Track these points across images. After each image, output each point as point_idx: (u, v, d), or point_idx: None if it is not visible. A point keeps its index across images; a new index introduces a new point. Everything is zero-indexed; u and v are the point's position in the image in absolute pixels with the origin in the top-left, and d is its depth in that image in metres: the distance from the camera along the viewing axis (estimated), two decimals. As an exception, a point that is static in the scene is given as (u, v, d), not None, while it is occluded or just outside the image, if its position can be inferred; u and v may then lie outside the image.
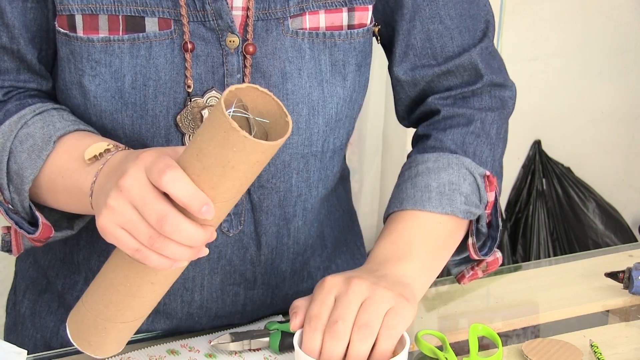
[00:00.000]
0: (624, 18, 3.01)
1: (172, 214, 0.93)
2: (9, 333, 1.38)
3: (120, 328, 1.06)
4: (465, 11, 1.22)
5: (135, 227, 0.95)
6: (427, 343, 1.19)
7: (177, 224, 0.93)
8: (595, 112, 3.07)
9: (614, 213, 3.05)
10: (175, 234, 0.93)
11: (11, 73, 1.16)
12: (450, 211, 1.16)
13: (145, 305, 1.05)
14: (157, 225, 0.93)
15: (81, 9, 1.11)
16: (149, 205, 0.93)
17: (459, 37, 1.22)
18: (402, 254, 1.12)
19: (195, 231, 0.94)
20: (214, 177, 0.92)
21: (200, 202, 0.92)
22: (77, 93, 1.15)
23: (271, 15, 1.13)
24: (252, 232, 1.21)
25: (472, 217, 1.19)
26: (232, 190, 0.94)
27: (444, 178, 1.17)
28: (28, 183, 1.11)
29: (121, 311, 1.04)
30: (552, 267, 1.48)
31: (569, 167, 3.05)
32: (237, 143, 0.90)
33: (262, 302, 1.26)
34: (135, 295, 1.03)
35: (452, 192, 1.16)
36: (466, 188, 1.18)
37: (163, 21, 1.11)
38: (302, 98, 1.15)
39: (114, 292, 1.03)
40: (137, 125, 1.14)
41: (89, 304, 1.06)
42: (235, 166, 0.91)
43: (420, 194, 1.17)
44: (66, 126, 1.12)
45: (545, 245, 2.98)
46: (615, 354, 1.20)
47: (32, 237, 1.13)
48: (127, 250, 0.97)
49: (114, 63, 1.12)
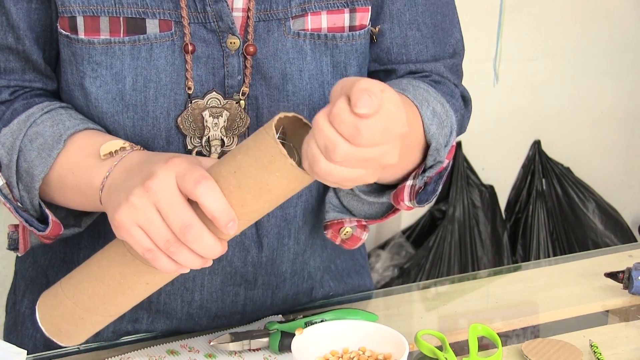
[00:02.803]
0: (624, 18, 3.01)
1: (197, 224, 0.95)
2: (8, 333, 1.38)
3: (96, 321, 1.07)
4: (439, 23, 1.23)
5: (155, 228, 0.96)
6: (426, 343, 1.19)
7: (200, 234, 0.95)
8: (595, 112, 3.07)
9: (613, 213, 3.05)
10: (196, 243, 0.96)
11: (17, 73, 1.17)
12: (432, 133, 1.13)
13: (130, 303, 1.06)
14: (180, 232, 0.95)
15: (82, 11, 1.11)
16: (174, 210, 0.95)
17: (433, 46, 1.23)
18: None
19: (214, 244, 0.96)
20: (247, 196, 0.94)
21: (229, 217, 0.95)
22: (79, 95, 1.15)
23: (272, 16, 1.13)
24: (254, 234, 1.21)
25: (433, 159, 1.15)
26: (258, 212, 0.97)
27: (438, 108, 1.16)
28: (38, 181, 1.11)
29: (105, 305, 1.04)
30: (552, 267, 1.49)
31: (568, 167, 3.05)
32: (282, 169, 0.92)
33: (262, 302, 1.26)
34: (126, 293, 1.03)
35: (440, 124, 1.15)
36: (445, 134, 1.16)
37: (164, 23, 1.11)
38: (302, 99, 1.15)
39: (104, 286, 1.03)
40: (137, 127, 1.14)
41: (70, 292, 1.06)
42: (272, 190, 0.94)
43: (420, 99, 1.14)
44: (75, 125, 1.12)
45: (545, 245, 2.98)
46: (615, 354, 1.20)
47: (42, 234, 1.13)
48: (138, 249, 0.98)
49: (114, 65, 1.12)
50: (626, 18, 3.01)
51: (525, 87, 2.97)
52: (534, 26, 2.91)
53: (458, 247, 2.88)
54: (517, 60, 2.91)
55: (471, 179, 2.94)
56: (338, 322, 1.14)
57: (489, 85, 2.84)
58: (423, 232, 2.95)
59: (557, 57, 2.97)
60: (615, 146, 3.13)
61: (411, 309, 1.36)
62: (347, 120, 0.88)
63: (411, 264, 2.85)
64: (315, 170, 0.91)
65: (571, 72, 3.00)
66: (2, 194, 1.13)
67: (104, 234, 1.23)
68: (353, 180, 0.92)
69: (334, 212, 1.21)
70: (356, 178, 0.92)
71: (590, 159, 3.10)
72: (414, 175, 1.16)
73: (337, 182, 0.92)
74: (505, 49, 2.81)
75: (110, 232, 1.22)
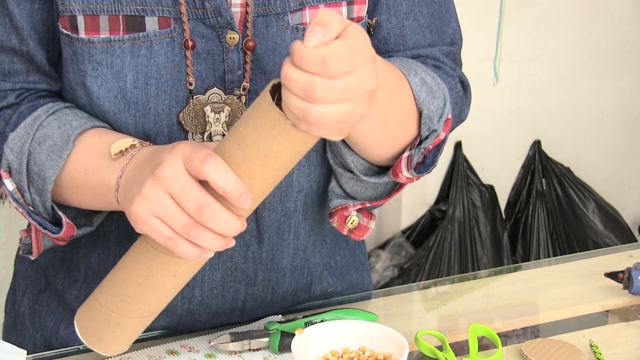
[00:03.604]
0: (623, 18, 3.01)
1: (212, 202, 0.95)
2: (8, 333, 1.38)
3: (134, 324, 1.06)
4: (436, 12, 1.23)
5: (172, 214, 0.97)
6: (426, 343, 1.19)
7: (215, 212, 0.96)
8: (595, 112, 3.07)
9: (613, 213, 3.06)
10: (213, 222, 0.96)
11: (21, 75, 1.17)
12: (422, 99, 1.13)
13: (163, 300, 1.05)
14: (196, 213, 0.95)
15: (82, 10, 1.11)
16: (187, 193, 0.96)
17: (430, 36, 1.23)
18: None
19: (231, 220, 0.97)
20: (254, 166, 0.95)
21: (240, 190, 0.95)
22: (82, 94, 1.15)
23: (271, 11, 1.13)
24: (254, 229, 1.21)
25: (427, 129, 1.14)
26: (268, 182, 0.97)
27: (428, 79, 1.15)
28: (50, 183, 1.11)
29: (138, 305, 1.04)
30: (552, 267, 1.48)
31: (568, 167, 3.05)
32: (282, 132, 0.92)
33: (262, 298, 1.27)
34: (155, 289, 1.03)
35: (430, 92, 1.14)
36: (437, 103, 1.15)
37: (163, 20, 1.11)
38: (302, 93, 1.15)
39: (133, 285, 1.03)
40: (140, 125, 1.14)
41: (103, 299, 1.06)
42: (277, 156, 0.94)
43: (407, 69, 1.14)
44: (82, 124, 1.13)
45: (545, 245, 2.99)
46: (615, 354, 1.20)
47: (57, 236, 1.13)
48: (159, 239, 0.98)
49: (115, 63, 1.12)
50: (626, 18, 3.01)
51: (525, 87, 2.97)
52: (534, 26, 2.91)
53: (458, 247, 2.88)
54: (517, 60, 2.91)
55: (471, 179, 2.95)
56: (338, 322, 1.14)
57: (489, 85, 2.85)
58: (423, 232, 2.95)
59: (557, 57, 2.97)
60: (615, 146, 3.13)
61: (411, 309, 1.36)
62: (310, 56, 0.89)
63: (411, 264, 2.86)
64: (309, 121, 0.91)
65: (571, 72, 3.00)
66: (13, 198, 1.14)
67: (103, 234, 1.23)
68: (347, 115, 0.92)
69: (338, 200, 1.21)
70: (349, 112, 0.92)
71: (590, 159, 3.10)
72: (410, 147, 1.15)
73: (335, 125, 0.93)
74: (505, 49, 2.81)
75: (110, 232, 1.23)
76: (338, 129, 0.94)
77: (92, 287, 1.26)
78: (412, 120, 1.14)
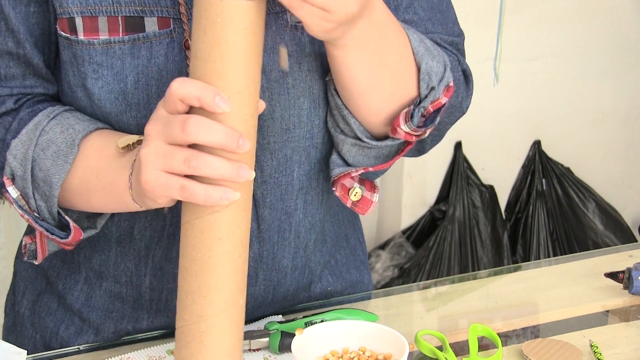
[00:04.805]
0: (624, 18, 3.01)
1: (193, 115, 0.95)
2: (8, 334, 1.38)
3: (217, 324, 0.97)
4: (435, 5, 1.23)
5: (170, 156, 0.96)
6: (426, 343, 1.19)
7: (198, 120, 0.94)
8: (595, 112, 3.08)
9: (613, 213, 3.06)
10: (203, 133, 0.94)
11: (18, 79, 1.16)
12: (420, 54, 1.11)
13: (227, 279, 0.98)
14: (182, 130, 0.94)
15: (81, 12, 1.11)
16: (171, 121, 0.96)
17: (432, 27, 1.22)
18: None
19: (218, 125, 0.95)
20: (215, 64, 0.93)
21: (212, 91, 0.94)
22: (83, 96, 1.15)
23: (269, 10, 1.13)
24: (255, 229, 1.21)
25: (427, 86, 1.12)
26: (239, 78, 0.94)
27: (428, 42, 1.14)
28: (57, 188, 1.11)
29: (208, 297, 0.97)
30: (552, 267, 1.48)
31: (568, 168, 3.05)
32: (217, 12, 0.91)
33: (263, 298, 1.27)
34: (211, 267, 0.97)
35: (428, 50, 1.13)
36: (438, 63, 1.14)
37: (162, 20, 1.11)
38: (303, 92, 1.15)
39: (190, 278, 0.97)
40: (141, 126, 1.13)
41: (180, 320, 0.99)
42: (229, 40, 0.92)
43: (405, 26, 1.12)
44: (85, 127, 1.13)
45: (545, 245, 2.99)
46: (615, 354, 1.20)
47: (65, 241, 1.13)
48: (174, 193, 0.97)
49: (115, 65, 1.12)
50: (626, 18, 3.01)
51: (525, 87, 2.97)
52: (534, 26, 2.91)
53: (458, 247, 2.88)
54: (517, 60, 2.91)
55: (471, 179, 2.95)
56: (338, 322, 1.14)
57: (489, 85, 2.85)
58: (423, 232, 2.95)
59: (557, 57, 2.97)
60: (615, 146, 3.14)
61: (411, 309, 1.36)
62: None
63: (411, 264, 2.86)
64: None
65: (571, 72, 3.00)
66: (18, 205, 1.13)
67: (104, 235, 1.23)
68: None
69: (339, 168, 1.18)
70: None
71: (590, 159, 3.10)
72: (415, 103, 1.12)
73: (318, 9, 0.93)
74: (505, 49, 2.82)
75: (111, 232, 1.23)
76: (321, 16, 0.94)
77: (93, 288, 1.26)
78: (409, 74, 1.11)
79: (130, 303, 1.26)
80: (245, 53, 0.94)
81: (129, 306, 1.26)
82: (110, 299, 1.26)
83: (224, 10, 0.91)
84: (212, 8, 0.91)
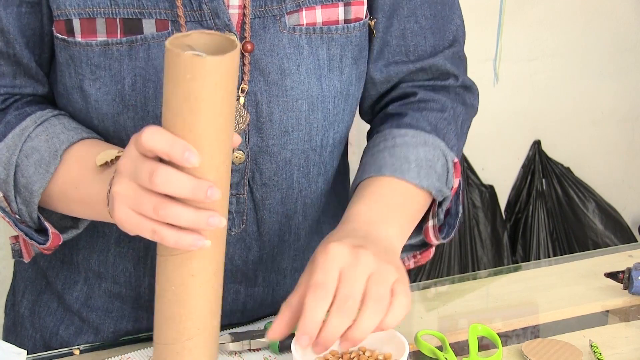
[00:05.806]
0: (624, 18, 3.01)
1: (161, 166, 0.92)
2: (8, 334, 1.38)
3: (190, 346, 1.01)
4: (439, 12, 1.23)
5: (140, 201, 0.94)
6: (426, 343, 1.19)
7: (165, 172, 0.91)
8: (595, 112, 3.07)
9: (613, 213, 3.05)
10: (168, 184, 0.91)
11: (7, 78, 1.16)
12: (426, 186, 1.15)
13: (199, 308, 1.00)
14: (150, 182, 0.92)
15: (78, 13, 1.11)
16: (140, 168, 0.93)
17: (432, 37, 1.23)
18: (384, 217, 1.10)
19: (185, 178, 0.92)
20: (185, 118, 0.91)
21: (181, 145, 0.91)
22: (79, 97, 1.15)
23: (268, 13, 1.13)
24: (255, 232, 1.21)
25: (442, 196, 1.18)
26: (209, 130, 0.92)
27: (422, 154, 1.17)
28: (37, 196, 1.11)
29: (182, 324, 1.00)
30: (552, 267, 1.48)
31: (568, 167, 3.05)
32: (186, 68, 0.89)
33: (262, 300, 1.26)
34: (183, 298, 0.99)
35: (429, 168, 1.16)
36: (439, 168, 1.18)
37: (160, 22, 1.11)
38: (301, 94, 1.15)
39: (165, 305, 1.00)
40: (139, 127, 1.13)
41: (156, 338, 1.03)
42: (198, 96, 0.90)
43: (400, 163, 1.16)
44: (70, 137, 1.12)
45: (545, 245, 2.98)
46: (615, 354, 1.20)
47: (43, 247, 1.13)
48: (145, 234, 0.95)
49: (113, 66, 1.12)
50: (626, 18, 3.01)
51: (525, 87, 2.97)
52: (534, 26, 2.91)
53: (458, 247, 2.88)
54: (517, 60, 2.91)
55: (471, 179, 2.94)
56: (338, 322, 1.14)
57: (489, 85, 2.85)
58: (423, 232, 2.94)
59: (557, 57, 2.97)
60: (615, 146, 3.13)
61: (411, 309, 1.35)
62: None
63: (411, 264, 2.85)
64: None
65: (571, 72, 3.00)
66: (0, 207, 1.13)
67: (103, 234, 1.23)
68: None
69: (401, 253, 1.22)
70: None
71: (590, 159, 3.10)
72: (432, 215, 1.19)
73: None
74: (505, 49, 2.81)
75: (110, 233, 1.23)
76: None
77: (92, 288, 1.27)
78: (422, 203, 1.17)
79: (130, 303, 1.26)
80: (215, 106, 0.92)
81: (129, 306, 1.26)
82: (109, 299, 1.26)
83: (194, 67, 0.89)
84: (182, 64, 0.89)
